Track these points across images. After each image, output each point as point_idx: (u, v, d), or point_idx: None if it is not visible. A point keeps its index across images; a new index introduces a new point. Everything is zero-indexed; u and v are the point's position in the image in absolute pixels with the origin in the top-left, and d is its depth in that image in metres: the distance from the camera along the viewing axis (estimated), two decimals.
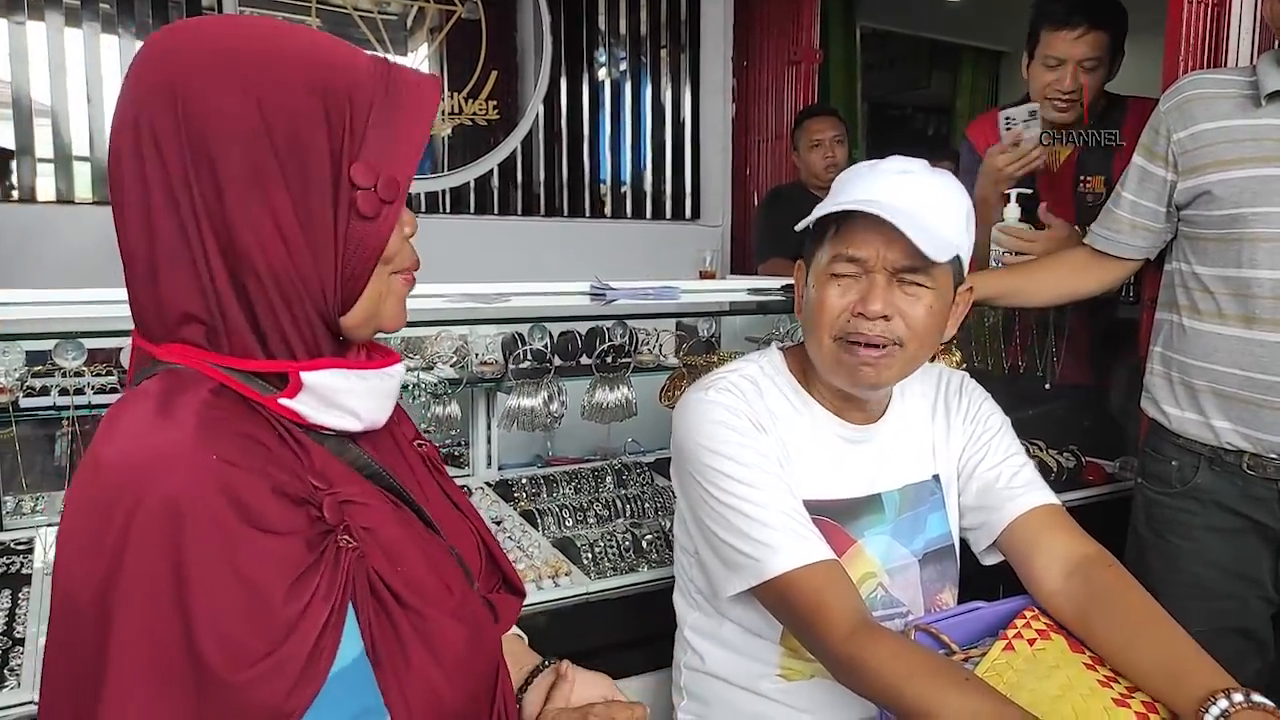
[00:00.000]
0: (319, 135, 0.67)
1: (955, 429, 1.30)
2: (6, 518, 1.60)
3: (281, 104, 0.66)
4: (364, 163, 0.68)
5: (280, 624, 0.62)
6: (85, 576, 0.61)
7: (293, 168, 0.67)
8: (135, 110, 0.67)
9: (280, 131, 0.66)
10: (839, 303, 1.13)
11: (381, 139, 0.69)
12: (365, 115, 0.69)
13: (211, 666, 0.60)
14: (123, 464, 0.63)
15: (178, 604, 0.60)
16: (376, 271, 0.72)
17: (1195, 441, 1.56)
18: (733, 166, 3.93)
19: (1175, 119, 1.53)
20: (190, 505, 0.61)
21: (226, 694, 0.60)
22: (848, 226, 1.13)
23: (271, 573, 0.63)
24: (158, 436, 0.64)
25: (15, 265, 2.71)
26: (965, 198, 1.17)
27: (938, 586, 1.26)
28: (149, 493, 0.61)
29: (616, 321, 1.86)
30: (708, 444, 1.15)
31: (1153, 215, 1.60)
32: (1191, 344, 1.55)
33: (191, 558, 0.60)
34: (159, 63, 0.67)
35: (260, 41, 0.68)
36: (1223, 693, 0.95)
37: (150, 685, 0.59)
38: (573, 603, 1.46)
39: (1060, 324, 2.16)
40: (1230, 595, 1.55)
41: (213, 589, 0.60)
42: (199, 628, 0.60)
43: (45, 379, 1.50)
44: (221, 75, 0.66)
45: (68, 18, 2.78)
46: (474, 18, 3.43)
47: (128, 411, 0.67)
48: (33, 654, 1.20)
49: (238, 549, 0.62)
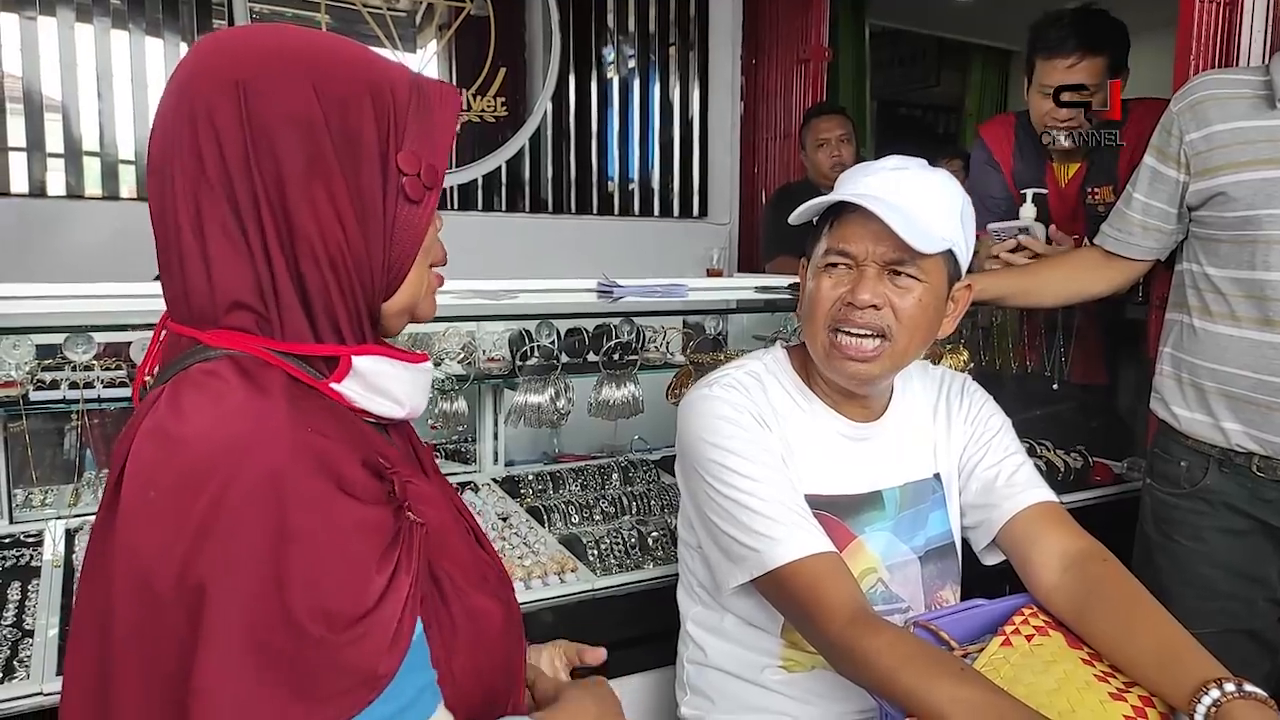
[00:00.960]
0: (369, 125, 0.72)
1: (956, 428, 1.31)
2: (16, 510, 1.61)
3: (336, 95, 0.70)
4: (407, 151, 0.73)
5: (374, 590, 0.65)
6: (165, 554, 0.62)
7: (347, 156, 0.71)
8: (192, 104, 0.70)
9: (335, 121, 0.70)
10: (831, 294, 1.16)
11: (419, 132, 0.74)
12: (405, 110, 0.74)
13: (311, 630, 0.61)
14: (211, 440, 0.64)
15: (277, 574, 0.61)
16: (417, 260, 0.77)
17: (1204, 443, 1.56)
18: (741, 165, 3.93)
19: (1188, 120, 1.52)
20: (293, 477, 0.63)
21: (327, 654, 0.62)
22: (841, 221, 1.16)
23: (366, 541, 0.66)
24: (249, 412, 0.66)
25: (25, 259, 2.73)
26: (960, 193, 1.19)
27: (939, 584, 1.27)
28: (247, 467, 0.62)
29: (624, 319, 1.86)
30: (711, 439, 1.17)
31: (1164, 216, 1.59)
32: (1202, 345, 1.54)
33: (294, 527, 0.62)
34: (219, 60, 0.71)
35: (313, 42, 0.73)
36: (1215, 682, 0.96)
37: (252, 655, 0.61)
38: (578, 599, 1.46)
39: (1068, 325, 2.16)
40: (1238, 597, 1.55)
41: (314, 556, 0.62)
42: (299, 595, 0.61)
43: (55, 372, 1.51)
44: (283, 69, 0.70)
45: (79, 13, 2.79)
46: (483, 14, 3.44)
47: (199, 391, 0.67)
48: (42, 645, 1.21)
49: (337, 518, 0.64)
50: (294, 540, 0.62)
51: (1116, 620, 1.09)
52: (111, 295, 1.48)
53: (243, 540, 0.61)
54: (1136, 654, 1.05)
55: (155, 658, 0.62)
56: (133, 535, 0.64)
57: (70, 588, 1.36)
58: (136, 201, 2.89)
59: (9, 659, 1.19)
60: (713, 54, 3.86)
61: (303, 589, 0.61)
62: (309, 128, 0.69)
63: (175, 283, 0.72)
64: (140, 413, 0.70)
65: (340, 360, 0.73)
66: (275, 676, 0.61)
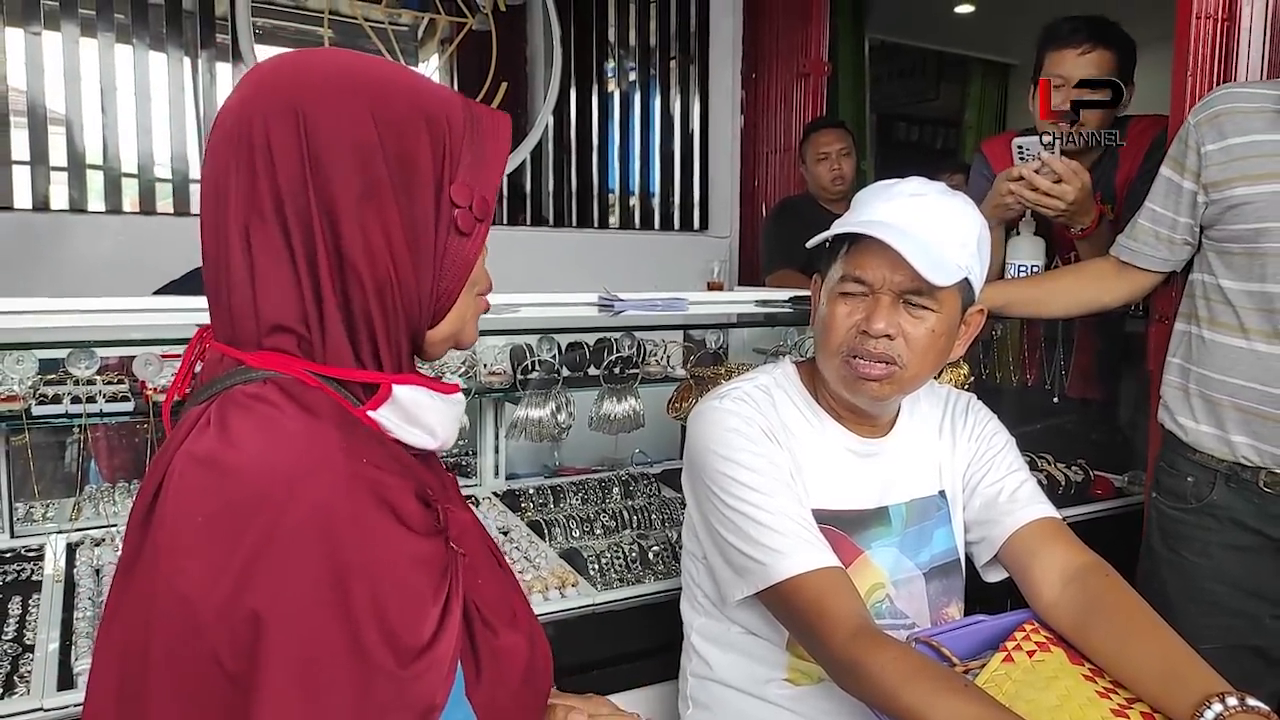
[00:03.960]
0: (425, 155, 0.72)
1: (961, 446, 1.32)
2: (17, 524, 1.61)
3: (394, 123, 0.71)
4: (460, 183, 0.74)
5: (432, 622, 0.65)
6: (213, 582, 0.61)
7: (401, 184, 0.71)
8: (250, 128, 0.70)
9: (392, 149, 0.70)
10: (846, 321, 1.16)
11: (472, 163, 0.75)
12: (460, 141, 0.74)
13: (379, 662, 0.62)
14: (263, 467, 0.64)
15: (342, 606, 0.61)
16: (464, 291, 0.77)
17: (1211, 457, 1.55)
18: (741, 178, 3.94)
19: (1206, 132, 1.53)
20: (350, 508, 0.63)
21: (395, 686, 0.62)
22: (858, 247, 1.16)
23: (422, 573, 0.66)
24: (303, 438, 0.66)
25: (28, 273, 2.73)
26: (978, 221, 1.18)
27: (944, 601, 1.27)
28: (302, 495, 0.62)
29: (624, 333, 1.86)
30: (721, 451, 1.17)
31: (1177, 227, 1.60)
32: (1211, 356, 1.54)
33: (355, 560, 0.62)
34: (278, 86, 0.71)
35: (373, 70, 0.73)
36: (1217, 697, 0.96)
37: (317, 686, 0.61)
38: (579, 614, 1.46)
39: (1069, 338, 2.16)
40: (1244, 613, 1.54)
41: (378, 589, 0.63)
42: (364, 626, 0.61)
43: (57, 386, 1.51)
44: (342, 95, 0.70)
45: (83, 28, 2.80)
46: (484, 29, 3.45)
47: (246, 415, 0.67)
48: (43, 660, 1.20)
49: (396, 550, 0.65)
50: (355, 572, 0.62)
51: (1117, 635, 1.09)
52: (114, 310, 1.49)
53: (301, 570, 0.61)
54: (1138, 669, 1.05)
55: (196, 688, 0.62)
56: (177, 560, 0.63)
57: (72, 602, 1.36)
58: (139, 215, 2.89)
59: (9, 674, 1.18)
60: (713, 68, 3.87)
61: (369, 621, 0.61)
62: (366, 154, 0.70)
63: (221, 302, 0.73)
64: (180, 432, 0.69)
65: (380, 388, 0.73)
66: (339, 707, 0.61)
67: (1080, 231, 1.83)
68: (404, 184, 0.71)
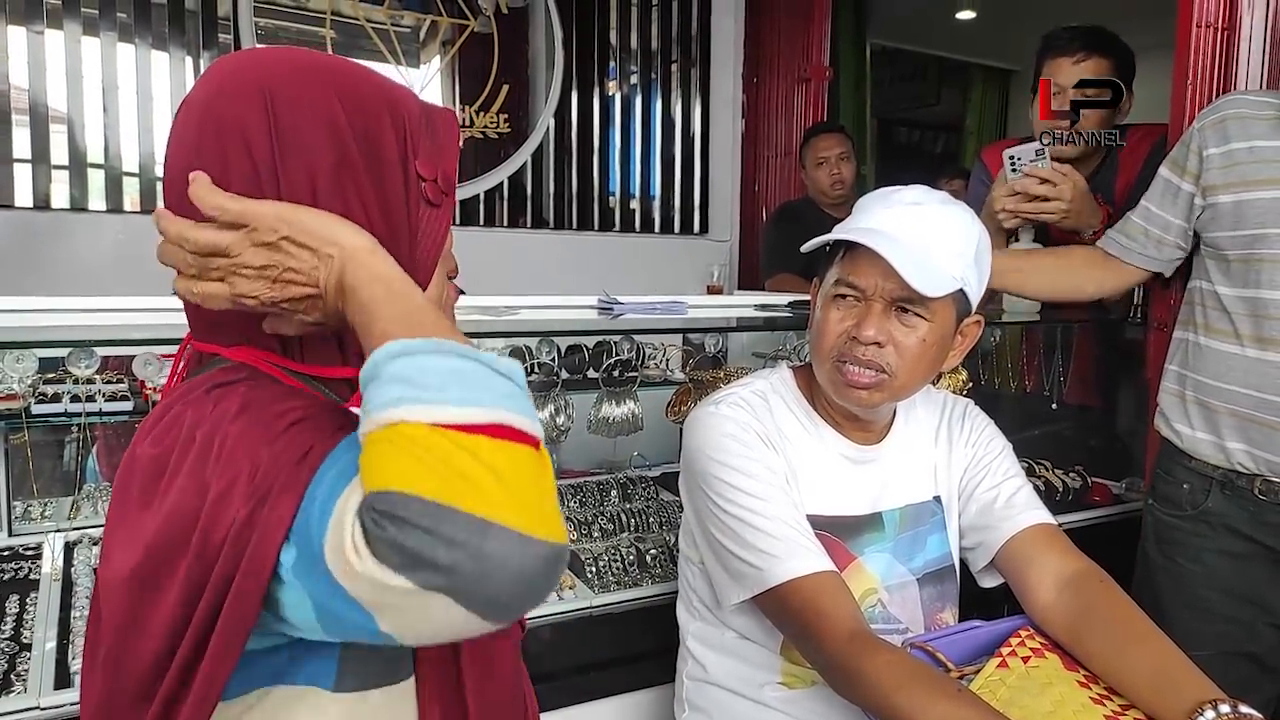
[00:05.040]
0: (388, 133, 0.74)
1: (957, 452, 1.32)
2: (15, 523, 1.61)
3: (359, 103, 0.73)
4: (424, 159, 0.76)
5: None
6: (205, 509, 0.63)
7: (371, 159, 0.72)
8: (219, 116, 0.70)
9: (359, 127, 0.72)
10: (838, 326, 1.17)
11: (430, 149, 0.77)
12: (418, 126, 0.76)
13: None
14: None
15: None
16: (437, 271, 0.79)
17: (1207, 463, 1.56)
18: (742, 182, 3.94)
19: (1210, 136, 1.53)
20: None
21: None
22: (853, 253, 1.16)
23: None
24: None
25: (28, 272, 2.73)
26: (977, 231, 1.18)
27: (938, 606, 1.27)
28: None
29: (624, 336, 1.87)
30: (716, 456, 1.18)
31: (1168, 227, 1.60)
32: (1207, 362, 1.55)
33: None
34: (243, 73, 0.72)
35: (332, 60, 0.76)
36: (1210, 704, 0.96)
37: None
38: (576, 616, 1.46)
39: (1067, 344, 2.16)
40: (1239, 620, 1.55)
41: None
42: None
43: (57, 385, 1.51)
44: (307, 77, 0.72)
45: (85, 27, 2.81)
46: (486, 31, 3.46)
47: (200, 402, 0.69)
48: (39, 659, 1.21)
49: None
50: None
51: (1112, 641, 1.09)
52: (115, 309, 1.49)
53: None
54: (1132, 675, 1.05)
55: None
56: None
57: (69, 601, 1.36)
58: (140, 215, 2.90)
59: (6, 673, 1.18)
60: (714, 72, 3.87)
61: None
62: (335, 131, 0.71)
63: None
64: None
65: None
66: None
67: (1091, 235, 1.83)
68: (373, 160, 0.73)
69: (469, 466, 0.53)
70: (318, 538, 0.56)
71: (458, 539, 0.51)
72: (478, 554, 0.51)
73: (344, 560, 0.53)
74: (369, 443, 0.56)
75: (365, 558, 0.52)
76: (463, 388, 0.56)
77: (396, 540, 0.51)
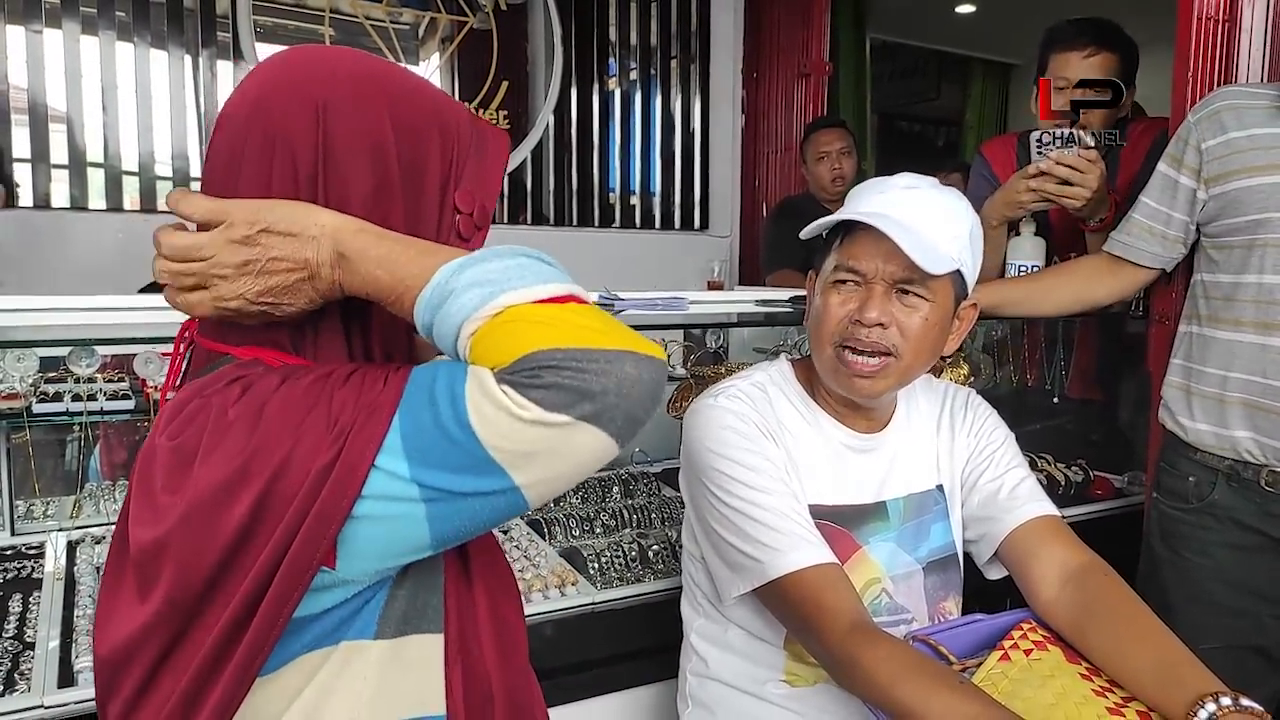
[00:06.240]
0: (434, 160, 0.73)
1: (960, 442, 1.32)
2: (17, 522, 1.61)
3: (410, 129, 0.72)
4: (464, 191, 0.75)
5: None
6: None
7: (411, 186, 0.72)
8: (269, 118, 0.70)
9: (405, 151, 0.72)
10: (839, 310, 1.17)
11: (475, 172, 0.76)
12: (467, 149, 0.75)
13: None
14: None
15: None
16: None
17: (1212, 455, 1.56)
18: (742, 177, 3.94)
19: (1206, 128, 1.54)
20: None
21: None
22: (851, 238, 1.17)
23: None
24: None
25: (29, 271, 2.73)
26: (970, 214, 1.19)
27: (941, 595, 1.27)
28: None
29: None
30: (716, 448, 1.17)
31: (1171, 223, 1.60)
32: (1211, 352, 1.55)
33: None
34: (300, 78, 0.71)
35: (393, 74, 0.75)
36: (1211, 696, 0.96)
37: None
38: (578, 613, 1.46)
39: (1069, 338, 2.16)
40: (1246, 613, 1.54)
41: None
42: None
43: (58, 385, 1.51)
44: (363, 95, 0.71)
45: (84, 26, 2.81)
46: (485, 28, 3.45)
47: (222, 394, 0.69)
48: (43, 658, 1.21)
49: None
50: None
51: (1114, 634, 1.09)
52: (115, 308, 1.49)
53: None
54: (1134, 668, 1.05)
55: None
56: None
57: (72, 600, 1.36)
58: (140, 214, 2.90)
59: (10, 671, 1.18)
60: (714, 67, 3.87)
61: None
62: (381, 154, 0.70)
63: None
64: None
65: None
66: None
67: (1100, 223, 1.83)
68: (414, 186, 0.72)
69: (580, 320, 0.63)
70: (452, 420, 0.61)
71: (603, 369, 0.60)
72: (620, 376, 0.61)
73: (508, 419, 0.60)
74: (484, 333, 0.62)
75: (530, 406, 0.59)
76: (532, 274, 0.65)
77: (557, 383, 0.59)
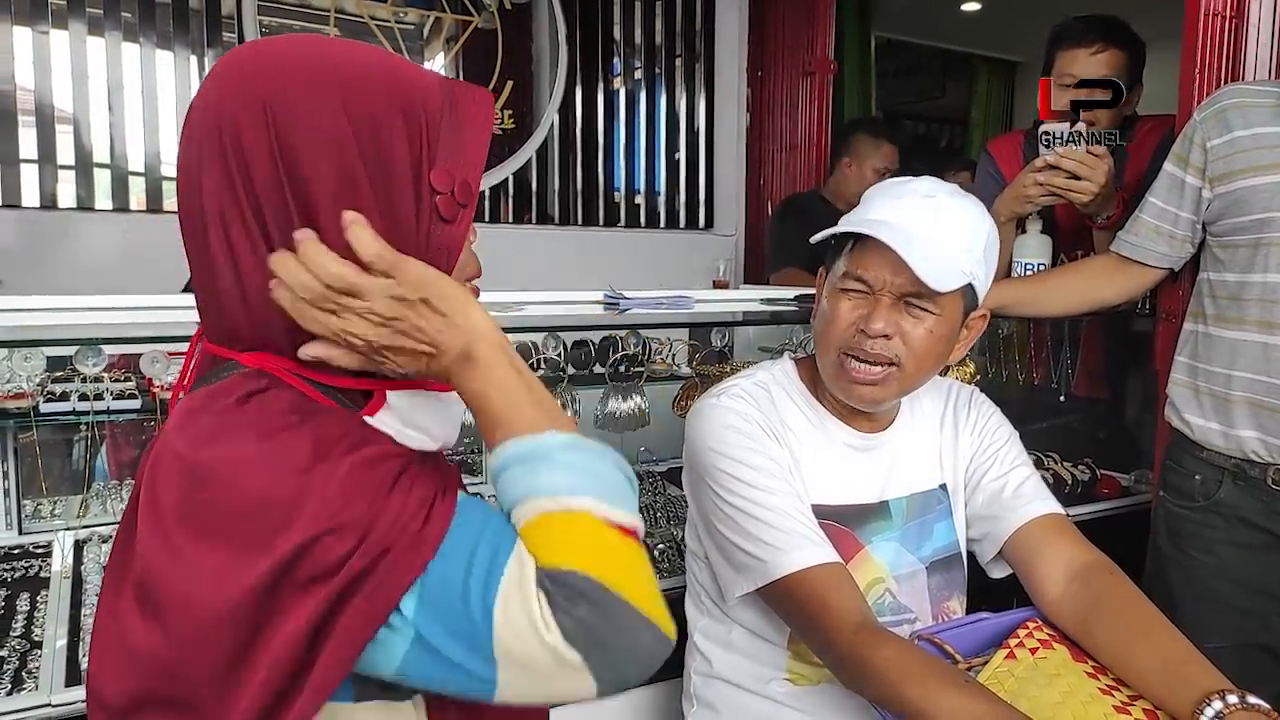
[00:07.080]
0: (400, 143, 0.70)
1: (963, 440, 1.31)
2: (25, 521, 1.62)
3: (367, 115, 0.69)
4: (440, 168, 0.72)
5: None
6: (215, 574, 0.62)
7: (378, 176, 0.69)
8: (219, 122, 0.68)
9: (367, 142, 0.69)
10: (846, 318, 1.16)
11: (453, 146, 0.72)
12: (438, 124, 0.72)
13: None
14: (221, 458, 0.65)
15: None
16: (453, 276, 0.74)
17: (1218, 454, 1.55)
18: (747, 176, 3.93)
19: (1211, 127, 1.53)
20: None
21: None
22: (863, 245, 1.16)
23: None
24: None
25: (36, 271, 2.74)
26: (987, 225, 1.18)
27: (945, 594, 1.27)
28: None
29: (630, 331, 1.86)
30: (718, 448, 1.17)
31: (1178, 222, 1.60)
32: (1217, 351, 1.55)
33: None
34: (247, 78, 0.69)
35: (343, 58, 0.71)
36: (1218, 694, 0.96)
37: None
38: None
39: (1075, 337, 2.15)
40: (1253, 612, 1.54)
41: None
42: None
43: (65, 384, 1.52)
44: (311, 89, 0.68)
45: (90, 26, 2.81)
46: (490, 28, 3.45)
47: (205, 408, 0.68)
48: (50, 657, 1.21)
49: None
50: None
51: (1120, 633, 1.09)
52: (122, 308, 1.49)
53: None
54: (1140, 667, 1.05)
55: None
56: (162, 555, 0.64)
57: (79, 599, 1.36)
58: (147, 214, 2.90)
59: (18, 670, 1.19)
60: (719, 66, 3.87)
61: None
62: (339, 150, 0.68)
63: (209, 299, 0.72)
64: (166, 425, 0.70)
65: (374, 394, 0.73)
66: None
67: (1107, 220, 1.82)
68: (381, 176, 0.69)
69: (636, 566, 0.63)
70: (479, 596, 0.60)
71: (628, 629, 0.59)
72: (637, 644, 0.60)
73: (529, 629, 0.58)
74: (552, 520, 0.62)
75: (554, 630, 0.58)
76: (621, 493, 0.66)
77: (587, 621, 0.58)
